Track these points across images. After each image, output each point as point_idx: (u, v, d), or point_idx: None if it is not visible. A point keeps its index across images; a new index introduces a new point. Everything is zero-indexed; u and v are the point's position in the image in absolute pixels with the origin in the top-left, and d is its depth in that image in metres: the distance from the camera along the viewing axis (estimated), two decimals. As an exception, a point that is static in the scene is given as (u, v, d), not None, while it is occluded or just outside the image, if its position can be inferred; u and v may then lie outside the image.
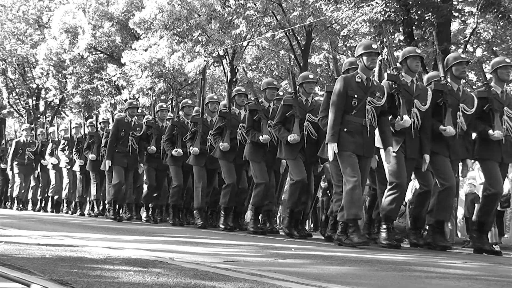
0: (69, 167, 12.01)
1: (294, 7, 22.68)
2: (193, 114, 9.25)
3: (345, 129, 5.63)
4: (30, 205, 13.74)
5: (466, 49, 19.76)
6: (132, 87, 24.89)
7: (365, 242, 5.61)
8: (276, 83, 7.90)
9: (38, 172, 13.41)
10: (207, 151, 8.41)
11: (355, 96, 5.64)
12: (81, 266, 3.00)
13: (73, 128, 12.40)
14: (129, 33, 27.11)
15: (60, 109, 34.40)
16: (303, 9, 22.19)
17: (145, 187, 10.34)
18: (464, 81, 6.17)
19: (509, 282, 3.37)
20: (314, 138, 6.85)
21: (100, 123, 11.51)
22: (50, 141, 12.99)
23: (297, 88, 7.09)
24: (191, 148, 8.56)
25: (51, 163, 12.58)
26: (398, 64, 6.07)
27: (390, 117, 5.92)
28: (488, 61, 19.48)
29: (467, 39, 20.25)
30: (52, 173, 12.72)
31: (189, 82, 25.52)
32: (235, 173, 8.06)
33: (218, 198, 8.44)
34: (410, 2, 14.20)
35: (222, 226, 8.05)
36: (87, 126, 11.77)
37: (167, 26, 23.56)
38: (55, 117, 30.17)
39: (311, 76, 7.15)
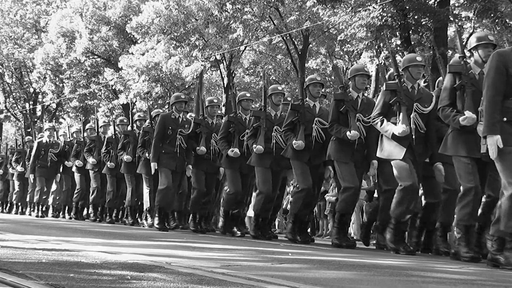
0: (96, 169, 10.90)
1: (291, 12, 22.75)
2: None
3: (505, 119, 4.39)
4: (50, 211, 12.89)
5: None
6: (129, 91, 24.93)
7: None
8: (367, 69, 6.71)
9: (61, 176, 12.33)
10: (273, 149, 7.36)
11: None
12: (78, 271, 2.99)
13: (100, 127, 11.35)
14: (126, 38, 27.15)
15: (57, 113, 34.39)
16: (300, 14, 22.25)
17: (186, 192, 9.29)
18: None
19: (506, 287, 3.38)
20: (422, 133, 5.86)
21: (135, 121, 10.39)
22: (75, 141, 11.91)
23: (399, 74, 6.00)
24: (254, 146, 7.36)
25: (76, 165, 11.45)
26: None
27: None
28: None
29: (464, 43, 20.28)
30: (77, 177, 11.56)
31: (186, 86, 25.58)
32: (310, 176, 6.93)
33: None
34: (407, 7, 14.28)
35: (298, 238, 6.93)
36: (117, 125, 10.84)
37: (164, 31, 23.63)
38: (52, 121, 30.15)
39: (419, 59, 6.02)
